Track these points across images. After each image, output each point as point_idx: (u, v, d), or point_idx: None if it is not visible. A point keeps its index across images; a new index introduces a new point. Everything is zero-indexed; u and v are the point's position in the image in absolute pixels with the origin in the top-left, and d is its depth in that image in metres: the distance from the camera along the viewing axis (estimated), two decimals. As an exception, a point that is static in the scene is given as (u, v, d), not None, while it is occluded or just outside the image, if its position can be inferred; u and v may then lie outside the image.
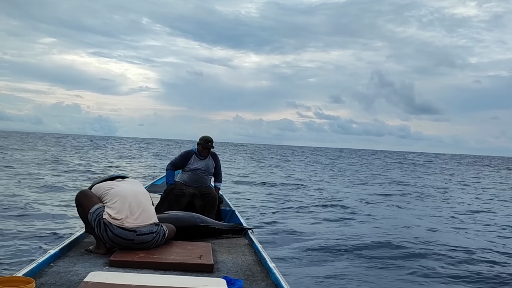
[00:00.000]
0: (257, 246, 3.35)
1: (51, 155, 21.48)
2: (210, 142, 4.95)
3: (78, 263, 2.70)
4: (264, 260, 2.95)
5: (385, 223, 9.23)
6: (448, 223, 9.59)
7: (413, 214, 10.76)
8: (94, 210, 2.94)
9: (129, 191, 3.07)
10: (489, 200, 14.60)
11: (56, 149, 28.13)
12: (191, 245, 3.25)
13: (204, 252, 3.02)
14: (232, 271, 2.76)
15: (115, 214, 2.90)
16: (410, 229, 8.45)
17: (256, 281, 2.57)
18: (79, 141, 65.46)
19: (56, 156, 22.49)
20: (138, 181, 3.45)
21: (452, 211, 11.36)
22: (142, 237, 2.95)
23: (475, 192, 17.53)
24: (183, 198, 4.86)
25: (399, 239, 7.27)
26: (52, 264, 2.61)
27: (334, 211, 10.37)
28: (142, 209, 3.03)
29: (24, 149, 30.91)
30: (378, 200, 13.06)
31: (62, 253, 2.87)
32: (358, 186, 16.88)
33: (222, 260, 3.03)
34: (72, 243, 3.10)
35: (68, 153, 28.56)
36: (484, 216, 10.90)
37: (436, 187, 18.35)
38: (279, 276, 2.52)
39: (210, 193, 4.90)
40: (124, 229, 2.88)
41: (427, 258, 6.16)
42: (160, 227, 3.12)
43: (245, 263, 3.01)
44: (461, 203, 13.30)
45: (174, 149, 46.86)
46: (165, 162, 6.46)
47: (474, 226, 9.32)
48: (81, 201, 3.05)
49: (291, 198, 12.49)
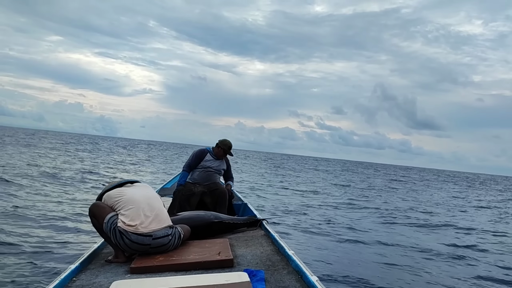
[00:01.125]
0: (274, 235, 3.36)
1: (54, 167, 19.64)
2: (230, 147, 4.98)
3: (100, 274, 2.72)
4: (283, 248, 2.97)
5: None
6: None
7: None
8: (108, 219, 2.96)
9: (140, 196, 3.09)
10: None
11: (64, 157, 26.20)
12: (208, 243, 3.27)
13: (222, 248, 3.03)
14: (252, 263, 2.78)
15: (129, 221, 2.91)
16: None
17: (277, 270, 2.59)
18: (81, 142, 61.63)
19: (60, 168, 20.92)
20: (147, 184, 3.46)
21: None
22: (158, 241, 2.97)
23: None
24: (193, 198, 4.88)
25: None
26: (75, 278, 2.64)
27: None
28: (156, 214, 3.04)
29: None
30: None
31: (83, 267, 2.89)
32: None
33: (241, 254, 3.05)
34: (91, 256, 3.12)
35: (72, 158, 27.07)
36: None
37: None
38: (300, 262, 2.53)
39: (218, 189, 4.92)
40: (140, 235, 2.90)
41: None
42: (175, 229, 3.14)
43: (264, 254, 3.03)
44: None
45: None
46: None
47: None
48: (95, 212, 3.06)
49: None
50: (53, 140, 53.90)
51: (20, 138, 50.92)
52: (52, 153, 28.37)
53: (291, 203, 12.81)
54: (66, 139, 61.99)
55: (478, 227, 11.29)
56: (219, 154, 5.01)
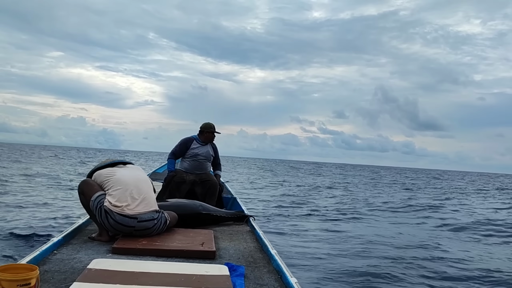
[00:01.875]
0: (259, 233, 3.37)
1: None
2: (213, 127, 4.96)
3: (81, 250, 2.72)
4: (266, 246, 2.97)
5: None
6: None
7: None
8: (95, 198, 2.96)
9: (130, 178, 3.08)
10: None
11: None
12: (193, 232, 3.27)
13: (206, 239, 3.04)
14: (234, 258, 2.78)
15: (115, 202, 2.91)
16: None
17: (258, 267, 2.59)
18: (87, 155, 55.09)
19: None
20: (139, 167, 3.45)
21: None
22: (143, 224, 2.97)
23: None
24: (184, 186, 4.88)
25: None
26: (56, 251, 2.63)
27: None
28: (143, 197, 3.04)
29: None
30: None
31: (66, 241, 2.89)
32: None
33: (224, 247, 3.05)
34: (75, 231, 3.12)
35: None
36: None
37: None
38: (281, 262, 2.54)
39: (210, 180, 4.92)
40: (125, 216, 2.90)
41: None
42: (161, 213, 3.14)
43: (246, 249, 3.03)
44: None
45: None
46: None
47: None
48: (83, 189, 3.06)
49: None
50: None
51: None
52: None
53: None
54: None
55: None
56: (207, 139, 5.00)
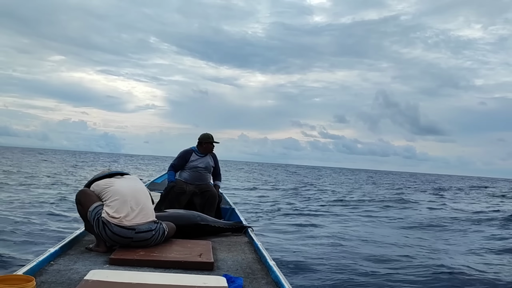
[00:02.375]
0: (257, 244, 3.35)
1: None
2: (212, 139, 4.97)
3: (78, 261, 2.70)
4: (264, 258, 2.96)
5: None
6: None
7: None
8: (93, 209, 2.95)
9: (127, 189, 3.07)
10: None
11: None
12: (191, 243, 3.25)
13: (204, 250, 3.02)
14: (232, 269, 2.76)
15: (113, 213, 2.90)
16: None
17: (256, 279, 2.58)
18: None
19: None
20: (137, 178, 3.45)
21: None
22: (141, 235, 2.95)
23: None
24: (183, 196, 4.87)
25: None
26: (53, 262, 2.62)
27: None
28: (141, 207, 3.03)
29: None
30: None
31: (63, 251, 2.87)
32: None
33: (222, 258, 3.03)
34: (72, 241, 3.10)
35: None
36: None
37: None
38: (279, 274, 2.52)
39: (209, 191, 4.91)
40: (123, 228, 2.89)
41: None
42: (159, 224, 3.12)
43: (245, 261, 3.01)
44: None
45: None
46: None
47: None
48: (81, 200, 3.05)
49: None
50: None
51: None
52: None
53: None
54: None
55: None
56: (207, 149, 5.00)
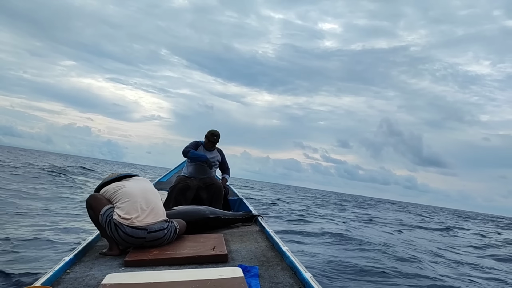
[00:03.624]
0: (269, 231, 3.37)
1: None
2: (215, 136, 4.98)
3: (94, 267, 2.72)
4: (277, 244, 2.97)
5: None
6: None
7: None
8: (104, 212, 2.96)
9: (137, 189, 3.08)
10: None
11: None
12: (203, 238, 3.27)
13: (217, 243, 3.04)
14: (246, 259, 2.78)
15: (124, 214, 2.91)
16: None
17: (271, 266, 2.59)
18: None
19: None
20: (145, 178, 3.46)
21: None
22: (153, 234, 2.97)
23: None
24: (188, 192, 4.89)
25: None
26: (69, 270, 2.63)
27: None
28: (152, 207, 3.04)
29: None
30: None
31: (77, 259, 2.88)
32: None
33: (235, 249, 3.05)
34: (86, 248, 3.12)
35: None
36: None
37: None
38: (294, 258, 2.54)
39: (214, 184, 4.93)
40: (135, 228, 2.90)
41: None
42: (170, 223, 3.14)
43: (258, 249, 3.03)
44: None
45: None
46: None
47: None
48: (92, 204, 3.06)
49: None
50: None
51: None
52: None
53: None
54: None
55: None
56: (207, 145, 5.04)
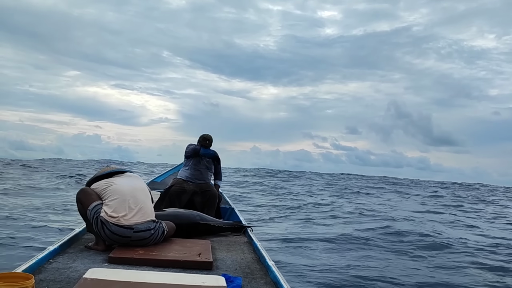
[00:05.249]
0: (256, 244, 3.35)
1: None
2: (207, 140, 4.98)
3: (77, 259, 2.70)
4: (263, 258, 2.96)
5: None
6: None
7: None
8: (93, 207, 2.95)
9: (127, 187, 3.07)
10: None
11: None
12: (190, 243, 3.25)
13: (203, 249, 3.02)
14: (231, 269, 2.77)
15: (111, 212, 2.90)
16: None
17: (255, 279, 2.58)
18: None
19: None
20: (138, 176, 3.45)
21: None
22: (139, 234, 2.95)
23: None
24: (184, 196, 4.87)
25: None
26: (52, 260, 2.62)
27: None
28: (140, 207, 3.03)
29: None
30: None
31: (62, 250, 2.87)
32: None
33: (221, 258, 3.03)
34: (71, 240, 3.10)
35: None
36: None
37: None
38: (278, 274, 2.52)
39: (210, 190, 4.92)
40: (121, 227, 2.89)
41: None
42: (158, 223, 3.12)
43: (244, 260, 3.01)
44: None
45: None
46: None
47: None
48: (81, 198, 3.06)
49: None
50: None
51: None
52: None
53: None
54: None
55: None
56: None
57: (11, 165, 27.18)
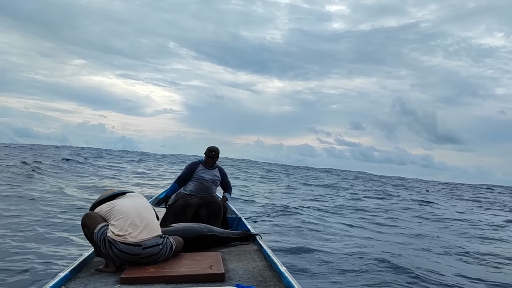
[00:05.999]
0: (267, 251, 3.34)
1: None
2: (214, 151, 5.01)
3: (89, 283, 2.69)
4: (275, 264, 2.95)
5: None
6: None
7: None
8: (99, 229, 2.95)
9: (130, 206, 3.08)
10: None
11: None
12: (200, 256, 3.24)
13: (214, 261, 3.01)
14: (243, 279, 2.75)
15: (118, 231, 2.90)
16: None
17: (268, 286, 2.57)
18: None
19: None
20: (140, 195, 3.45)
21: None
22: (148, 250, 2.95)
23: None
24: (189, 209, 4.86)
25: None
26: (64, 286, 2.61)
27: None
28: (145, 223, 3.03)
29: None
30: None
31: (73, 275, 2.86)
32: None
33: (232, 268, 3.02)
34: (82, 264, 3.09)
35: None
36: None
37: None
38: (291, 279, 2.52)
39: (214, 202, 4.91)
40: (129, 245, 2.88)
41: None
42: (166, 239, 3.12)
43: (256, 269, 3.00)
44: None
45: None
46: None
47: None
48: (86, 222, 3.06)
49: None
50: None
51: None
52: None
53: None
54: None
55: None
56: (207, 162, 5.04)
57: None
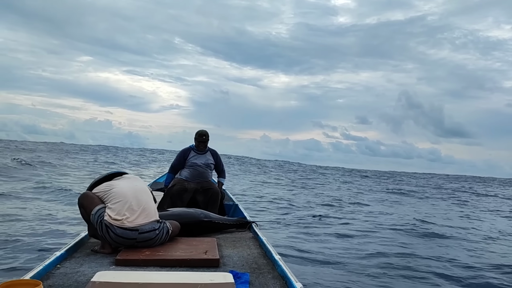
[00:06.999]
0: (262, 239, 3.36)
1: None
2: (203, 135, 4.98)
3: (84, 263, 2.71)
4: (270, 252, 2.96)
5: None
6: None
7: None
8: (96, 211, 2.95)
9: (128, 189, 3.07)
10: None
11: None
12: (196, 241, 3.26)
13: (209, 247, 3.03)
14: (238, 265, 2.77)
15: (115, 215, 2.90)
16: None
17: (262, 274, 2.59)
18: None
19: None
20: (138, 177, 3.45)
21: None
22: (144, 235, 2.96)
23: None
24: (185, 194, 4.88)
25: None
26: (59, 265, 2.62)
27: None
28: (143, 208, 3.03)
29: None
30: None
31: (69, 254, 2.87)
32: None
33: (227, 255, 3.04)
34: (78, 244, 3.11)
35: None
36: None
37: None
38: (285, 267, 2.53)
39: (212, 188, 4.92)
40: (126, 229, 2.89)
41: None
42: (162, 223, 3.13)
43: (250, 256, 3.02)
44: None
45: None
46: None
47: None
48: (83, 203, 3.05)
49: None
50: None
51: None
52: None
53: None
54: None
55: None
56: (198, 147, 5.02)
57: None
